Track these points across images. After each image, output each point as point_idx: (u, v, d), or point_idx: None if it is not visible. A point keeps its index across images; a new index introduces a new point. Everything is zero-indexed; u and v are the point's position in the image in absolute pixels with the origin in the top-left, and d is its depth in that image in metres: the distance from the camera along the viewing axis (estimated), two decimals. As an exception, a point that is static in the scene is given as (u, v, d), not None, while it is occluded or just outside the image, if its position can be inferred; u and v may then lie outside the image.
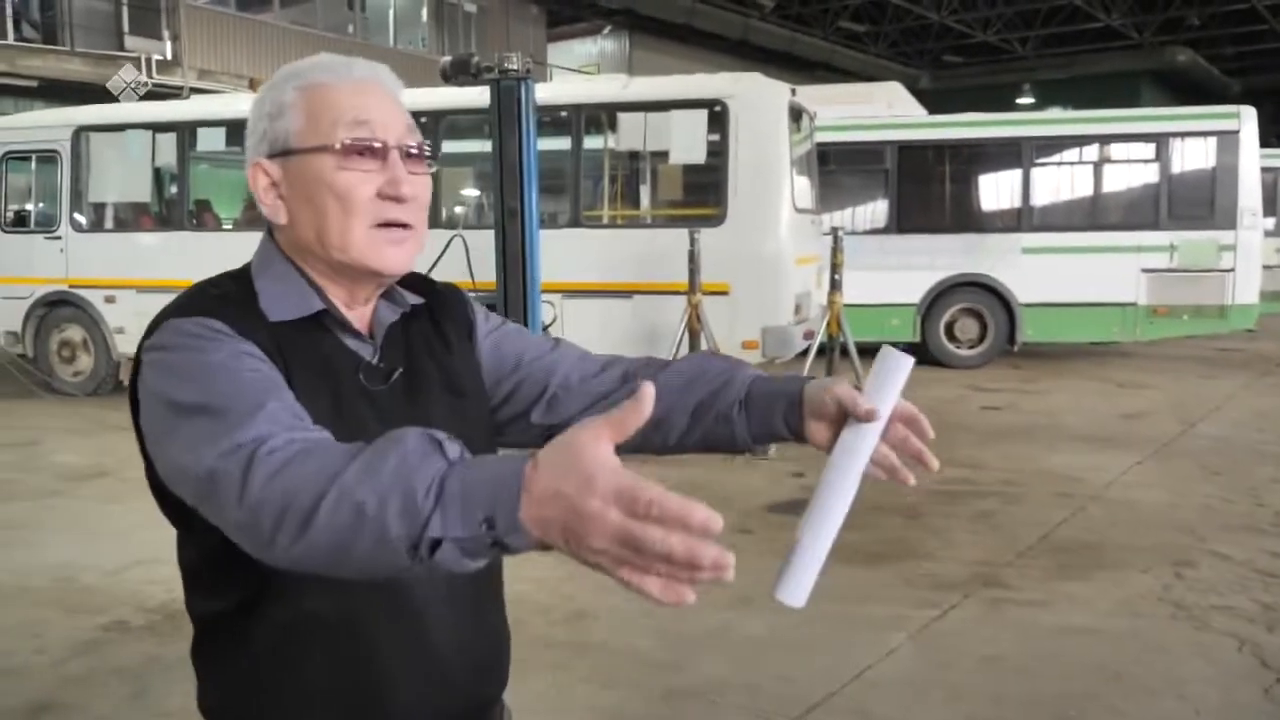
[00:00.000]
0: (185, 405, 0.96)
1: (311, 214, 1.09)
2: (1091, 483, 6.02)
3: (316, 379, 1.06)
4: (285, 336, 1.06)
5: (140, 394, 1.05)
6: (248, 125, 1.13)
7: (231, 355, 1.00)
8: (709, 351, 1.21)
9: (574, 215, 8.12)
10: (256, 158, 1.11)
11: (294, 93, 1.09)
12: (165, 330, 1.03)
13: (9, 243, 9.51)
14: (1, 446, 7.37)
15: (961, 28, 24.57)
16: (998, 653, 3.71)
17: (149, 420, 1.03)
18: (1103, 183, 10.63)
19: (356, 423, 1.04)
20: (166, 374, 1.00)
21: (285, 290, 1.10)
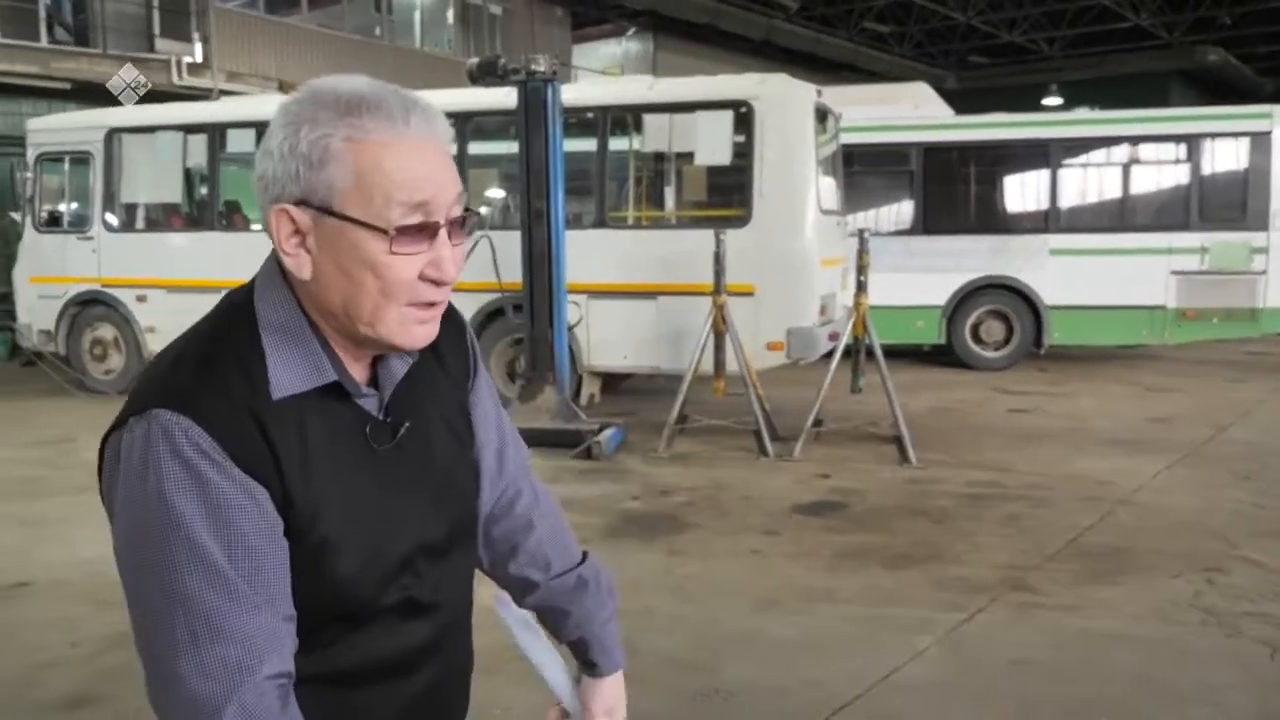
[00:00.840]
0: (166, 580, 0.94)
1: (344, 284, 1.00)
2: (1120, 487, 5.97)
3: (317, 454, 1.02)
4: (285, 411, 1.01)
5: (115, 489, 1.00)
6: (270, 149, 1.00)
7: (222, 530, 0.95)
8: (587, 576, 1.34)
9: (599, 216, 8.13)
10: (284, 202, 0.99)
11: (342, 144, 0.97)
12: (153, 431, 0.96)
13: (43, 243, 9.65)
14: (35, 444, 7.47)
15: (988, 28, 24.39)
16: (1026, 657, 3.69)
17: (121, 539, 0.99)
18: (1131, 184, 10.53)
19: (358, 491, 1.05)
20: (148, 518, 0.95)
21: (299, 360, 1.03)
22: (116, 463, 0.99)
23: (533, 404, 6.99)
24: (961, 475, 6.28)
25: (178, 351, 1.04)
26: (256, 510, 0.97)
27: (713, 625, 4.01)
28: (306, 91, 1.02)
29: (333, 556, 1.02)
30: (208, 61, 14.29)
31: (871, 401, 7.42)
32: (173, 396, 0.98)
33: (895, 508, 5.62)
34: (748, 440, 7.07)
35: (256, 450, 0.98)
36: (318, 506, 1.01)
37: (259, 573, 0.97)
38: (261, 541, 0.97)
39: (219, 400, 0.98)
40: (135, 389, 1.02)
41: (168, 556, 0.94)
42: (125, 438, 0.98)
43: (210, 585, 0.94)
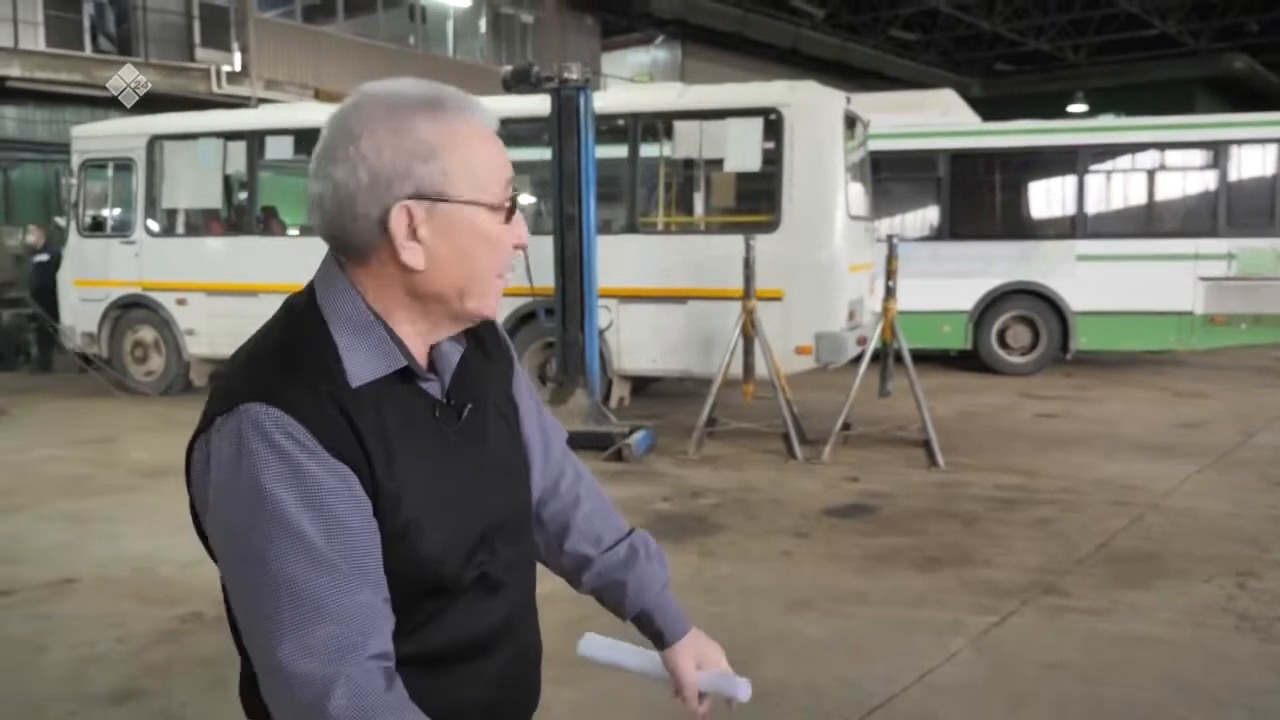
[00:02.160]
0: (268, 567, 0.98)
1: (461, 264, 1.08)
2: (1150, 491, 5.97)
3: (396, 438, 1.06)
4: (363, 398, 1.05)
5: (208, 489, 1.03)
6: (359, 155, 1.04)
7: (319, 512, 0.99)
8: (637, 542, 1.42)
9: (630, 221, 8.20)
10: (401, 200, 1.04)
11: (442, 135, 1.05)
12: (244, 425, 1.00)
13: (87, 247, 9.83)
14: (80, 443, 7.62)
15: (1013, 35, 24.32)
16: (1060, 660, 3.70)
17: (219, 535, 1.03)
18: (1158, 190, 10.50)
19: (435, 472, 1.10)
20: (245, 509, 0.99)
21: (369, 348, 1.07)
22: (207, 462, 1.03)
23: (564, 407, 7.06)
24: (990, 479, 6.30)
25: (252, 351, 1.09)
26: (348, 493, 1.01)
27: (746, 626, 4.04)
28: (374, 97, 1.07)
29: (418, 535, 1.06)
30: (246, 70, 14.52)
31: (899, 405, 7.44)
32: (259, 390, 1.01)
33: (925, 511, 5.64)
34: (776, 443, 7.11)
35: (344, 436, 1.02)
36: (402, 488, 1.05)
37: (356, 553, 1.01)
38: (356, 523, 1.01)
39: (304, 390, 1.02)
40: (216, 391, 1.06)
41: (268, 543, 0.98)
42: (214, 437, 1.02)
43: (312, 567, 0.98)
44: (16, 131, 13.87)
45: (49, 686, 3.57)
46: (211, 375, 1.57)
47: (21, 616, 4.22)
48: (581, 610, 4.12)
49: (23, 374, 11.43)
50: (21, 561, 4.89)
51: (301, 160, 10.71)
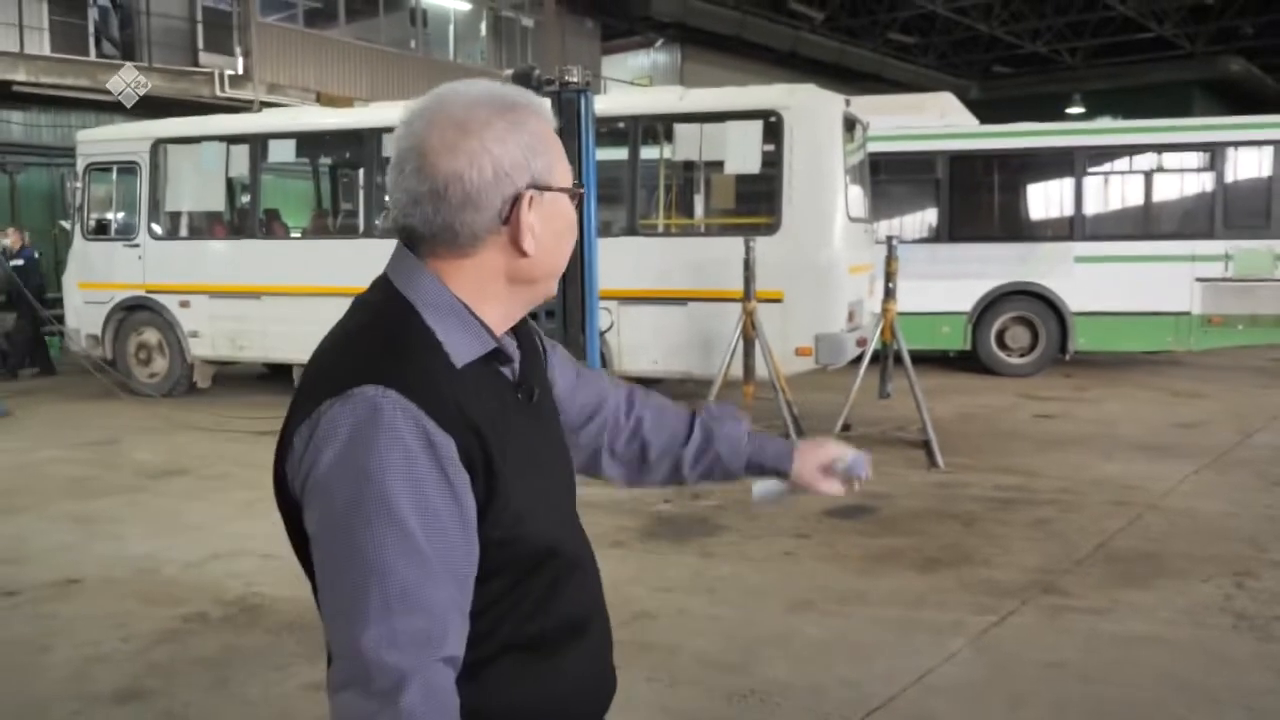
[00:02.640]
0: (367, 554, 0.99)
1: (556, 246, 1.16)
2: (1148, 491, 5.99)
3: (497, 417, 1.10)
4: (468, 379, 1.09)
5: (313, 471, 1.03)
6: (481, 148, 1.08)
7: (425, 506, 1.00)
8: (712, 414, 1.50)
9: (630, 224, 8.23)
10: (522, 188, 1.10)
11: (542, 130, 1.14)
12: (360, 409, 1.01)
13: (91, 250, 9.87)
14: (85, 444, 7.64)
15: (1011, 39, 24.36)
16: (1059, 659, 3.73)
17: (319, 516, 1.03)
18: (1156, 192, 10.55)
19: (532, 449, 1.15)
20: (352, 492, 1.00)
21: (464, 331, 1.11)
22: (309, 444, 1.03)
23: (564, 409, 7.08)
24: (989, 479, 6.33)
25: (348, 339, 1.11)
26: (453, 496, 1.02)
27: (747, 626, 4.07)
28: (473, 96, 1.11)
29: (530, 512, 1.11)
30: (249, 74, 14.56)
31: (899, 406, 7.47)
32: (372, 373, 1.03)
33: (925, 511, 5.67)
34: (776, 445, 7.12)
35: (458, 419, 1.04)
36: (512, 467, 1.09)
37: (452, 554, 1.02)
38: (456, 525, 1.03)
39: (418, 372, 1.04)
40: (318, 378, 1.07)
41: (372, 531, 0.98)
42: (324, 420, 1.02)
43: (408, 558, 0.99)
44: (22, 136, 13.92)
45: (53, 686, 3.59)
46: (306, 373, 1.48)
47: (26, 616, 4.24)
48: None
49: (27, 377, 11.43)
50: (26, 562, 4.91)
51: (304, 164, 10.78)
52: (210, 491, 6.23)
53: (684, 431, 1.47)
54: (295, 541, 1.13)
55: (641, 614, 4.15)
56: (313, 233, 10.12)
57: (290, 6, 16.49)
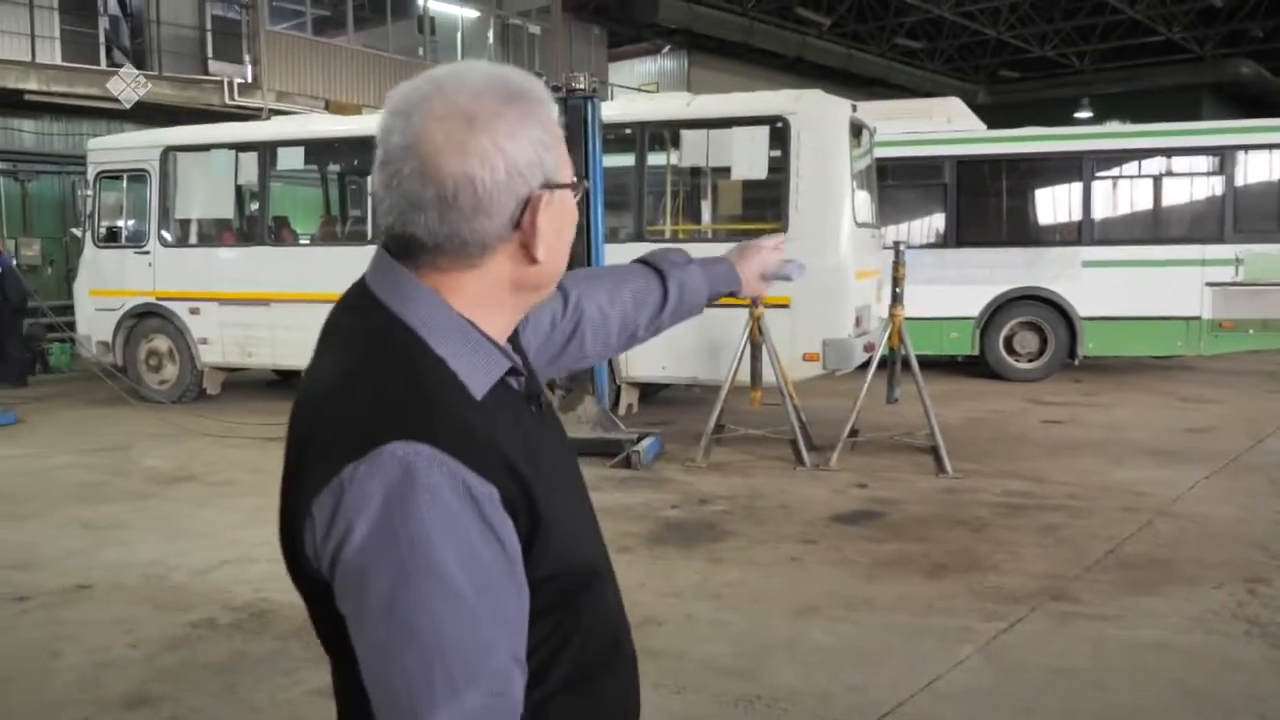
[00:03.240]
0: (424, 633, 0.88)
1: (561, 247, 1.04)
2: (1158, 497, 5.97)
3: (525, 444, 0.99)
4: (491, 412, 0.97)
5: (345, 546, 0.90)
6: (494, 146, 0.95)
7: (478, 570, 0.89)
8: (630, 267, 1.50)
9: (637, 230, 8.24)
10: (534, 189, 0.98)
11: (550, 122, 1.02)
12: (394, 471, 0.89)
13: (102, 257, 9.92)
14: (95, 451, 7.67)
15: (1018, 43, 24.36)
16: (1068, 666, 3.71)
17: (357, 593, 0.91)
18: (1165, 196, 10.51)
19: (556, 466, 1.06)
20: (398, 566, 0.88)
21: (475, 355, 0.99)
22: (344, 519, 0.90)
23: (572, 414, 7.09)
24: (998, 485, 6.31)
25: (357, 381, 0.96)
26: (501, 547, 0.92)
27: (754, 632, 4.07)
28: (476, 85, 0.98)
29: (570, 534, 1.03)
30: (258, 82, 14.65)
31: (907, 412, 7.46)
32: (398, 426, 0.90)
33: (933, 517, 5.65)
34: (784, 450, 7.13)
35: (498, 463, 0.93)
36: (548, 490, 0.99)
37: (505, 607, 0.93)
38: (507, 577, 0.93)
39: (448, 420, 0.93)
40: (331, 432, 0.94)
41: (426, 608, 0.88)
42: (350, 490, 0.89)
43: (468, 629, 0.89)
44: (34, 144, 14.02)
45: (63, 691, 3.61)
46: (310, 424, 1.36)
47: (37, 622, 4.26)
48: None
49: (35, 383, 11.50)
50: (37, 568, 4.93)
51: (312, 171, 10.82)
52: (219, 498, 6.26)
53: (660, 298, 1.46)
54: (317, 615, 1.01)
55: (648, 620, 4.15)
56: (321, 239, 10.17)
57: (299, 15, 16.57)
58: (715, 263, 1.54)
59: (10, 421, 8.74)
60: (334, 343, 1.03)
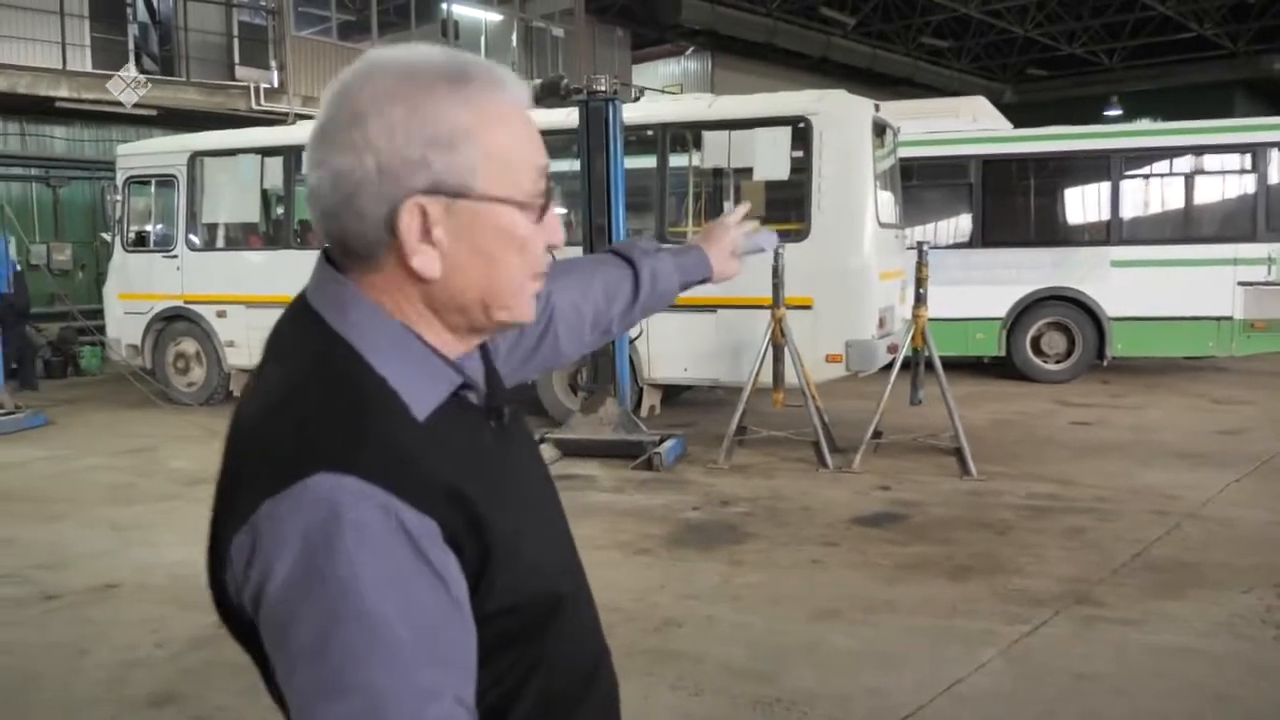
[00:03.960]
0: (349, 677, 0.78)
1: (485, 270, 0.90)
2: (1187, 500, 5.89)
3: (477, 464, 0.90)
4: (437, 434, 0.88)
5: (265, 587, 0.80)
6: (364, 140, 0.85)
7: (416, 613, 0.80)
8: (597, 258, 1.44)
9: (659, 231, 8.24)
10: (410, 193, 0.86)
11: (467, 116, 0.87)
12: (316, 506, 0.79)
13: (131, 262, 10.05)
14: (123, 452, 7.77)
15: (1046, 40, 24.14)
16: (1092, 670, 3.67)
17: (280, 639, 0.81)
18: (1195, 194, 10.37)
19: (517, 486, 0.97)
20: (324, 611, 0.78)
21: (415, 370, 0.89)
22: (262, 561, 0.80)
23: (594, 416, 7.10)
24: (1023, 487, 6.25)
25: (282, 404, 0.87)
26: (442, 585, 0.82)
27: (774, 634, 4.05)
28: (385, 66, 0.88)
29: (531, 560, 0.93)
30: (284, 87, 14.78)
31: (931, 414, 7.40)
32: (324, 455, 0.81)
33: (956, 519, 5.61)
34: (806, 452, 7.10)
35: (438, 491, 0.84)
36: (506, 515, 0.90)
37: (449, 650, 0.83)
38: (449, 617, 0.83)
39: (380, 446, 0.83)
40: (250, 458, 0.86)
41: (360, 661, 0.78)
42: (267, 530, 0.80)
43: (406, 677, 0.79)
44: (65, 150, 14.22)
45: (91, 689, 3.66)
46: (236, 453, 1.35)
47: (65, 620, 4.33)
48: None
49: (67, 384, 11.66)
50: (66, 567, 5.01)
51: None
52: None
53: (632, 290, 1.40)
54: (251, 651, 0.90)
55: (668, 621, 4.15)
56: None
57: (324, 20, 16.74)
58: (685, 251, 1.49)
59: (41, 424, 8.88)
60: (273, 359, 0.93)
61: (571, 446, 7.12)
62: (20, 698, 3.64)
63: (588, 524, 5.61)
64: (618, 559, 5.01)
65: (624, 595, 4.41)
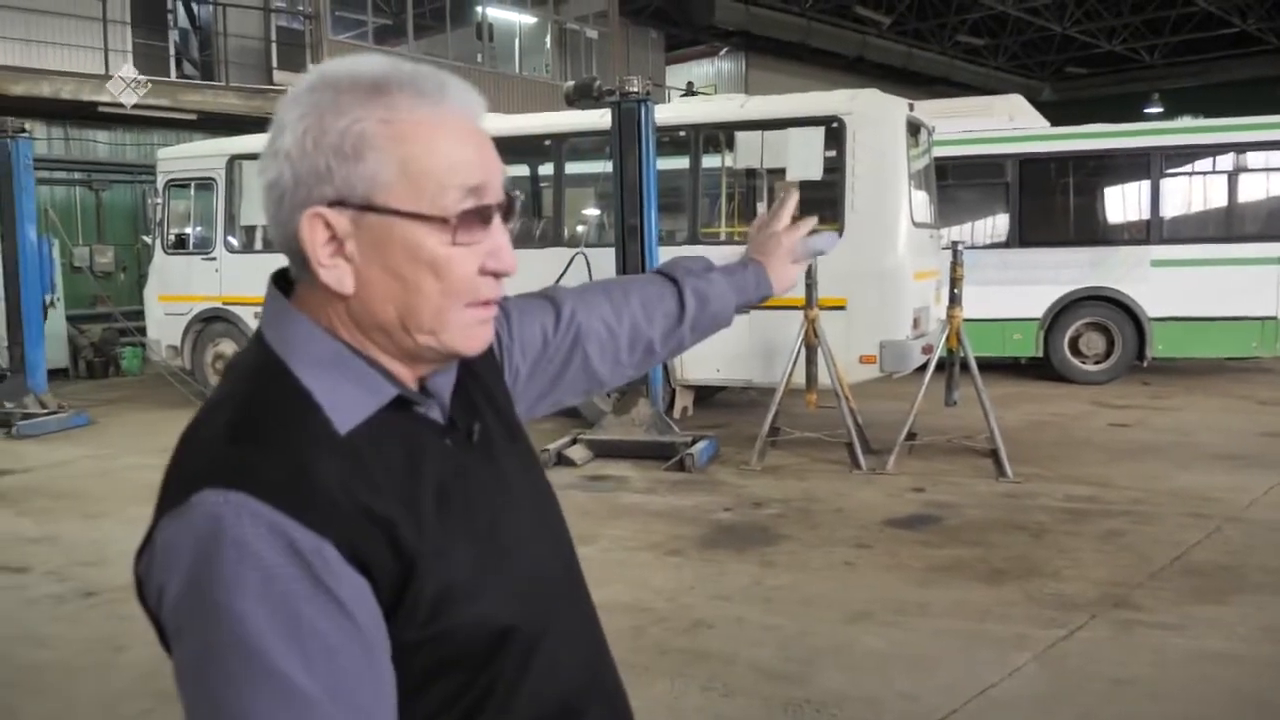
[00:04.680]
0: (220, 710, 0.75)
1: (397, 289, 0.86)
2: (1229, 503, 5.78)
3: (409, 482, 0.86)
4: (360, 446, 0.84)
5: (164, 616, 0.80)
6: (282, 149, 0.85)
7: (305, 640, 0.75)
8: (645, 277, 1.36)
9: (692, 232, 8.24)
10: (314, 205, 0.84)
11: (378, 127, 0.84)
12: (200, 524, 0.77)
13: (171, 264, 10.21)
14: (163, 451, 7.46)
15: (1085, 38, 23.83)
16: (1129, 675, 3.62)
17: (181, 672, 0.79)
18: (1238, 192, 10.18)
19: (463, 504, 0.91)
20: (202, 637, 0.76)
21: (347, 384, 0.86)
22: (156, 579, 0.79)
23: (627, 416, 7.11)
24: (1060, 490, 6.17)
25: (196, 425, 0.87)
26: (340, 610, 0.77)
27: (804, 636, 4.03)
28: (316, 78, 0.87)
29: (471, 586, 0.87)
30: (321, 91, 14.98)
31: (966, 415, 7.33)
32: (214, 472, 0.79)
33: (991, 522, 5.55)
34: (840, 453, 7.06)
35: (343, 512, 0.79)
36: (437, 541, 0.85)
37: (351, 684, 0.77)
38: (351, 646, 0.78)
39: (277, 459, 0.80)
40: (169, 480, 0.83)
41: (236, 688, 0.74)
42: (160, 546, 0.79)
43: (291, 712, 0.75)
44: (108, 155, 14.47)
45: (128, 683, 3.72)
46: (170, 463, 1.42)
47: (104, 616, 4.40)
48: (634, 620, 4.05)
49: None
50: (106, 564, 5.09)
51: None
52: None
53: (677, 309, 1.32)
54: None
55: (698, 623, 4.14)
56: None
57: (360, 24, 16.90)
58: (740, 268, 1.39)
59: (84, 423, 9.05)
60: (221, 379, 0.93)
61: (604, 447, 7.14)
62: (61, 690, 3.71)
63: (620, 525, 5.62)
64: (649, 560, 5.01)
65: (655, 596, 4.41)
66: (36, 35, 12.97)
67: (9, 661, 3.98)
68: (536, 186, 10.05)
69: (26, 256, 9.12)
